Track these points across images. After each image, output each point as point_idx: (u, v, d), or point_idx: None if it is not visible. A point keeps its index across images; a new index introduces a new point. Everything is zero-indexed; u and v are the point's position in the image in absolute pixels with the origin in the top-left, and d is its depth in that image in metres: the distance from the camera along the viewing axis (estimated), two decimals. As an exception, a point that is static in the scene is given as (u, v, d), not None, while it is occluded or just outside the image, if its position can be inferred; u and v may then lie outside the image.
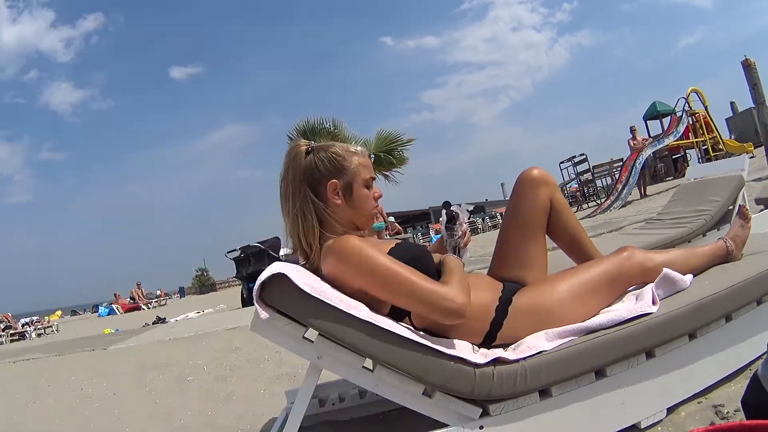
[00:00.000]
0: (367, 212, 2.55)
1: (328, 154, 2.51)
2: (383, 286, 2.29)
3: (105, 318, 26.93)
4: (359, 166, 2.53)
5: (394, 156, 15.19)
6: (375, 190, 2.58)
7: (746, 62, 14.80)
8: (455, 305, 2.20)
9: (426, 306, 2.23)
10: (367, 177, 2.54)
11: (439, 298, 2.21)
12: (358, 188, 2.51)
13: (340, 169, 2.50)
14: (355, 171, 2.51)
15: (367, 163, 2.58)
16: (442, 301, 2.20)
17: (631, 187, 20.26)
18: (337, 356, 2.24)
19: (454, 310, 2.20)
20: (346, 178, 2.50)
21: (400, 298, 2.29)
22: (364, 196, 2.53)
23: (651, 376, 2.44)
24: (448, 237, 2.61)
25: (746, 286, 2.66)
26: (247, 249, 15.47)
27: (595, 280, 2.60)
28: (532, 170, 2.80)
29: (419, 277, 2.28)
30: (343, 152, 2.53)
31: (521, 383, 2.21)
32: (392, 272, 2.27)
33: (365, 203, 2.53)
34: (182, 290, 49.25)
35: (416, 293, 2.24)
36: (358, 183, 2.51)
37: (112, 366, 7.32)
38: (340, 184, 2.49)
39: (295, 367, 4.90)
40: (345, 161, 2.51)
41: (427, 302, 2.22)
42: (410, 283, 2.25)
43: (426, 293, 2.23)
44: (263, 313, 2.20)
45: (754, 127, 19.20)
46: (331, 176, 2.48)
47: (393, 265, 2.30)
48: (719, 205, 6.27)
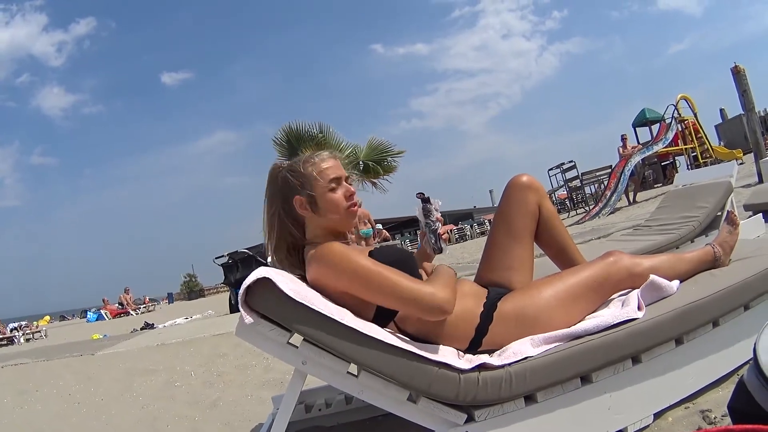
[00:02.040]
0: (340, 214, 2.55)
1: (290, 171, 2.58)
2: (365, 285, 2.30)
3: (93, 323, 26.87)
4: (319, 173, 2.54)
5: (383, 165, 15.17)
6: (346, 189, 2.57)
7: (736, 69, 14.88)
8: (436, 301, 2.24)
9: (408, 303, 2.26)
10: (328, 180, 2.53)
11: (420, 295, 2.24)
12: (322, 195, 2.52)
13: (302, 183, 2.54)
14: (314, 180, 2.54)
15: (329, 166, 2.58)
16: (424, 298, 2.23)
17: (619, 193, 20.30)
18: (322, 362, 2.23)
19: (435, 306, 2.23)
20: (307, 190, 2.53)
21: (383, 297, 2.31)
22: (330, 200, 2.53)
23: (637, 381, 2.44)
24: (425, 219, 2.61)
25: (733, 291, 2.66)
26: (235, 255, 15.49)
27: (581, 285, 2.60)
28: (521, 177, 2.83)
29: (401, 276, 2.30)
30: (302, 165, 2.58)
31: (506, 389, 2.20)
32: (374, 272, 2.30)
33: (334, 207, 2.53)
34: (171, 296, 49.20)
35: (398, 291, 2.26)
36: (320, 190, 2.52)
37: (100, 371, 7.31)
38: (304, 199, 2.53)
39: (282, 373, 4.90)
40: (303, 174, 2.55)
41: (409, 299, 2.25)
42: (392, 282, 2.27)
43: (407, 290, 2.25)
44: (248, 318, 2.20)
45: (743, 133, 19.29)
46: (295, 192, 2.54)
47: (374, 265, 2.32)
48: (707, 211, 6.29)
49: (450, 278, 2.42)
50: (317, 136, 14.44)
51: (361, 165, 14.96)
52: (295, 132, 14.44)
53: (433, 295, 2.25)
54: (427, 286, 2.29)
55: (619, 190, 20.35)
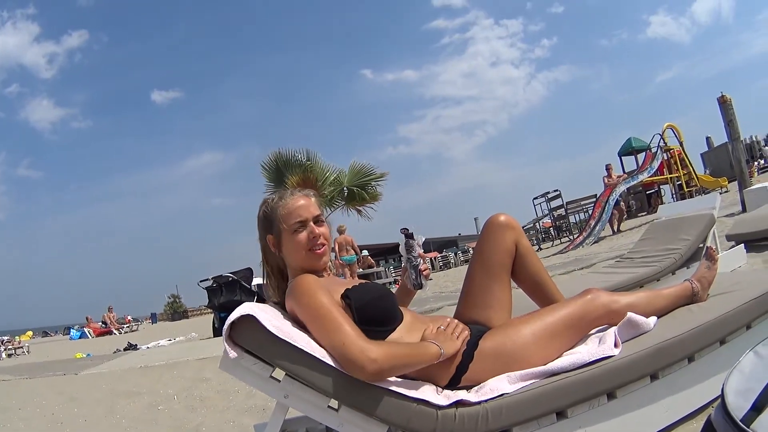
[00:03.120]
0: (300, 257, 2.60)
1: (265, 209, 2.69)
2: (312, 322, 2.33)
3: (77, 341, 26.76)
4: (284, 215, 2.61)
5: (368, 191, 15.20)
6: (310, 231, 2.60)
7: (722, 99, 15.00)
8: (363, 359, 2.15)
9: (335, 348, 2.21)
10: (291, 222, 2.59)
11: (349, 345, 2.18)
12: (287, 236, 2.60)
13: (271, 223, 2.65)
14: (278, 221, 2.61)
15: (297, 206, 2.63)
16: (350, 349, 2.17)
17: (603, 223, 20.36)
18: (303, 396, 2.26)
19: (359, 364, 2.15)
20: (276, 231, 2.63)
21: (320, 336, 2.28)
22: (294, 241, 2.59)
23: (612, 416, 2.48)
24: (407, 255, 2.68)
25: (709, 327, 2.71)
26: (220, 279, 15.43)
27: (559, 323, 2.64)
28: (498, 216, 2.89)
29: (346, 322, 2.28)
30: (273, 204, 2.66)
31: (483, 424, 2.23)
32: (322, 310, 2.31)
33: (295, 249, 2.59)
34: (154, 316, 49.05)
35: (333, 334, 2.23)
36: (286, 232, 2.60)
37: (84, 391, 7.28)
38: (272, 238, 2.64)
39: (265, 400, 4.89)
40: (271, 216, 2.65)
41: (342, 348, 2.19)
42: (336, 327, 2.24)
43: (346, 341, 2.20)
44: (232, 353, 2.23)
45: (728, 161, 19.41)
46: (267, 231, 2.66)
47: (328, 305, 2.32)
48: (689, 243, 6.37)
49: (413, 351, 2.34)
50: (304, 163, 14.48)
51: (346, 191, 15.00)
52: (283, 158, 14.50)
53: (362, 351, 2.17)
54: (368, 342, 2.22)
55: (604, 219, 20.42)
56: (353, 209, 15.35)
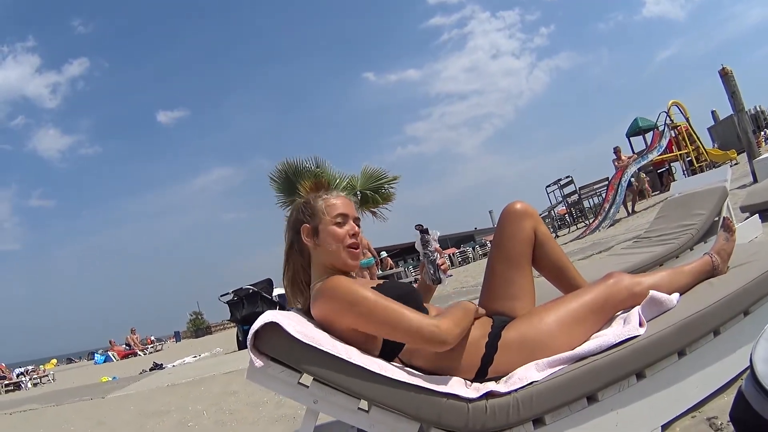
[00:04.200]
0: (335, 250, 2.59)
1: (303, 204, 2.68)
2: (370, 318, 2.34)
3: (101, 365, 26.79)
4: (325, 206, 2.63)
5: (380, 194, 15.14)
6: (349, 227, 2.62)
7: (723, 71, 14.92)
8: (439, 332, 2.27)
9: (412, 334, 2.29)
10: (334, 214, 2.61)
11: (424, 326, 2.27)
12: (324, 227, 2.59)
13: (310, 214, 2.63)
14: (320, 211, 2.62)
15: (336, 202, 2.65)
16: (427, 328, 2.26)
17: (618, 205, 20.26)
18: (333, 400, 2.26)
19: (437, 338, 2.26)
20: (314, 220, 2.62)
21: (388, 329, 2.33)
22: (332, 232, 2.58)
23: (643, 396, 2.47)
24: (423, 250, 2.66)
25: (732, 299, 2.69)
26: (240, 292, 15.44)
27: (583, 308, 2.63)
28: (515, 204, 2.87)
29: (405, 308, 2.33)
30: (313, 198, 2.68)
31: (514, 414, 2.23)
32: (378, 304, 2.33)
33: (335, 239, 2.58)
34: (178, 334, 49.17)
35: (403, 323, 2.29)
36: (324, 222, 2.60)
37: (112, 414, 7.29)
38: (309, 228, 2.61)
39: (294, 409, 4.88)
40: (313, 206, 2.65)
41: (413, 331, 2.27)
42: (397, 314, 2.30)
43: (412, 322, 2.28)
44: (258, 362, 2.22)
45: (735, 133, 19.30)
46: (304, 222, 2.63)
47: (379, 297, 2.35)
48: (704, 218, 6.33)
49: (461, 313, 2.45)
50: (314, 170, 14.43)
51: (359, 195, 14.95)
52: (292, 167, 14.43)
53: (436, 326, 2.28)
54: (430, 318, 2.33)
55: (618, 201, 20.31)
56: (368, 211, 15.30)
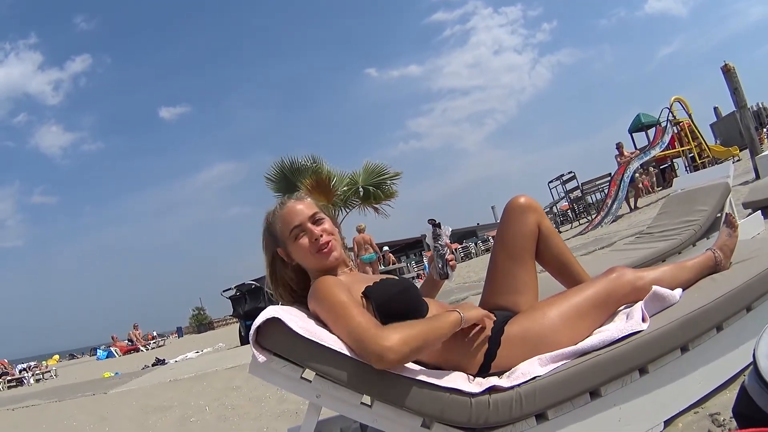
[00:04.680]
0: (310, 261, 2.61)
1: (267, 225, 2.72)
2: (331, 318, 2.34)
3: (104, 361, 26.81)
4: (281, 227, 2.64)
5: (383, 190, 15.13)
6: (309, 235, 2.58)
7: (726, 67, 14.88)
8: (376, 347, 2.13)
9: (353, 341, 2.22)
10: (289, 231, 2.60)
11: (366, 337, 2.18)
12: (292, 245, 2.61)
13: (275, 239, 2.67)
14: (280, 233, 2.64)
15: (290, 213, 2.63)
16: (367, 340, 2.16)
17: (620, 201, 20.24)
18: (335, 394, 2.25)
19: (375, 353, 2.13)
20: (281, 242, 2.65)
21: (338, 331, 2.30)
22: (297, 249, 2.60)
23: (646, 391, 2.47)
24: (434, 242, 2.67)
25: (735, 295, 2.69)
26: (243, 287, 15.45)
27: (586, 303, 2.62)
28: (518, 198, 2.85)
29: (361, 315, 2.28)
30: (271, 219, 2.69)
31: (517, 409, 2.23)
32: (339, 306, 2.32)
33: (302, 254, 2.60)
34: (180, 330, 49.17)
35: (349, 327, 2.24)
36: (289, 241, 2.61)
37: (114, 410, 7.32)
38: (283, 251, 2.66)
39: (296, 404, 4.91)
40: (273, 228, 2.67)
41: (354, 338, 2.21)
42: (348, 317, 2.26)
43: (360, 332, 2.20)
44: (260, 357, 2.22)
45: (738, 130, 19.32)
46: (276, 246, 2.67)
47: (347, 302, 2.33)
48: (707, 214, 6.33)
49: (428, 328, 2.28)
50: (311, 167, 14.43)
51: (362, 191, 14.95)
52: (288, 166, 14.43)
53: (376, 341, 2.15)
54: (384, 331, 2.20)
55: (620, 197, 20.29)
56: (370, 207, 15.30)
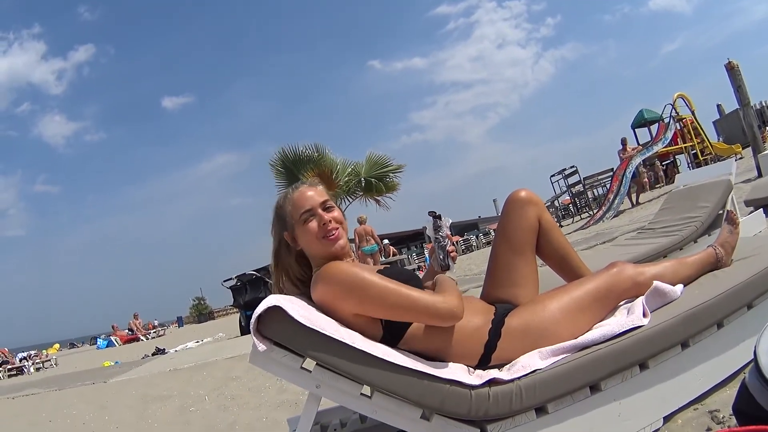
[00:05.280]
0: (316, 246, 2.58)
1: (275, 210, 2.70)
2: (377, 300, 2.35)
3: (104, 350, 26.79)
4: (291, 210, 2.61)
5: (385, 182, 15.11)
6: (320, 218, 2.57)
7: (729, 65, 14.87)
8: (448, 307, 2.33)
9: (422, 313, 2.32)
10: (300, 214, 2.58)
11: (432, 303, 2.32)
12: (300, 229, 2.58)
13: (284, 221, 2.64)
14: (290, 216, 2.61)
15: (302, 198, 2.62)
16: (436, 305, 2.31)
17: (622, 196, 20.25)
18: (335, 385, 2.26)
19: (447, 312, 2.32)
20: (289, 226, 2.62)
21: (396, 310, 2.34)
22: (304, 232, 2.57)
23: (645, 387, 2.47)
24: (434, 234, 2.67)
25: (736, 292, 2.69)
26: (243, 277, 15.44)
27: (586, 296, 2.62)
28: (519, 192, 2.85)
29: (410, 288, 2.36)
30: (282, 202, 2.67)
31: (517, 402, 2.23)
32: (384, 287, 2.35)
33: (310, 239, 2.57)
34: (180, 320, 49.18)
35: (411, 302, 2.32)
36: (298, 224, 2.58)
37: (114, 399, 7.32)
38: (289, 235, 2.63)
39: (296, 394, 4.92)
40: (283, 211, 2.65)
41: (423, 309, 2.31)
42: (404, 294, 2.33)
43: (420, 301, 2.32)
44: (261, 346, 2.22)
45: (741, 128, 19.27)
46: (284, 229, 2.64)
47: (383, 280, 2.37)
48: (708, 210, 6.32)
49: (454, 287, 2.47)
50: (314, 157, 14.40)
51: (363, 182, 14.93)
52: (291, 155, 14.41)
53: (444, 302, 2.33)
54: (436, 295, 2.37)
55: (622, 192, 20.30)
56: (371, 199, 15.29)
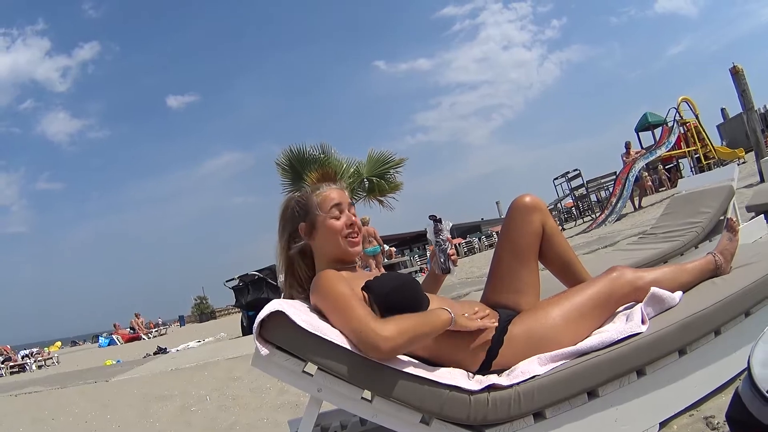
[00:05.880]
0: (335, 243, 2.62)
1: (297, 201, 2.69)
2: (332, 313, 2.37)
3: (106, 348, 26.85)
4: (321, 201, 2.64)
5: (387, 181, 15.06)
6: (346, 218, 2.63)
7: (734, 69, 14.90)
8: (374, 338, 2.21)
9: (351, 332, 2.27)
10: (329, 207, 2.62)
11: (363, 328, 2.24)
12: (322, 222, 2.61)
13: (305, 212, 2.65)
14: (315, 207, 2.63)
15: (330, 194, 2.66)
16: (364, 331, 2.23)
17: (624, 200, 20.19)
18: (336, 389, 2.28)
19: (369, 343, 2.21)
20: (310, 217, 2.63)
21: (339, 324, 2.33)
22: (328, 226, 2.60)
23: (642, 393, 2.49)
24: (435, 237, 2.69)
25: (734, 300, 2.71)
26: (246, 278, 15.41)
27: (587, 302, 2.64)
28: (524, 197, 2.86)
29: (361, 307, 2.33)
30: (307, 194, 2.69)
31: (515, 407, 2.25)
32: (342, 301, 2.34)
33: (333, 233, 2.60)
34: (182, 319, 49.12)
35: (348, 319, 2.29)
36: (321, 217, 2.61)
37: (116, 397, 7.34)
38: (306, 226, 2.63)
39: (297, 396, 4.94)
40: (307, 202, 2.66)
41: (355, 331, 2.25)
42: (349, 312, 2.30)
43: (357, 323, 2.26)
44: (263, 350, 2.26)
45: (744, 132, 19.25)
46: (300, 220, 2.64)
47: (347, 294, 2.36)
48: (710, 216, 6.33)
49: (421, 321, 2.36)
50: (320, 157, 14.37)
51: (366, 182, 14.90)
52: (297, 154, 14.37)
53: (374, 331, 2.22)
54: (380, 323, 2.26)
55: (624, 196, 20.24)
56: (374, 200, 15.24)
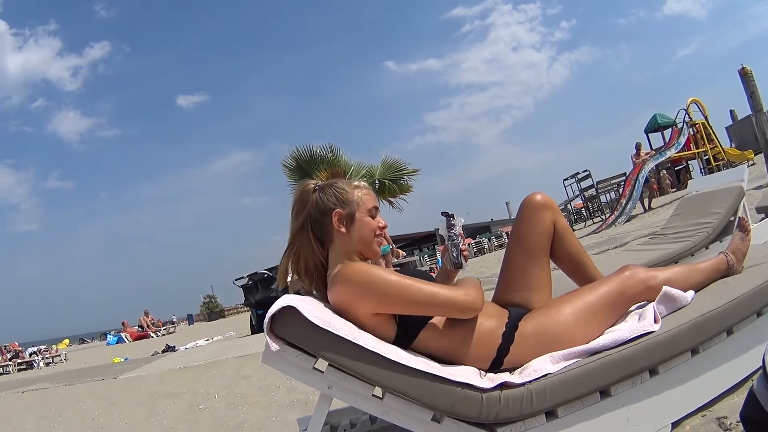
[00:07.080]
0: (368, 239, 2.62)
1: (333, 189, 2.63)
2: (398, 297, 2.38)
3: (114, 346, 26.87)
4: (363, 197, 2.63)
5: (398, 185, 15.03)
6: (379, 221, 2.65)
7: (743, 71, 14.83)
8: (468, 299, 2.40)
9: (445, 306, 2.39)
10: (370, 206, 2.63)
11: (454, 296, 2.40)
12: (361, 217, 2.60)
13: (345, 201, 2.60)
14: (358, 201, 2.61)
15: (370, 195, 2.67)
16: (458, 298, 2.38)
17: (634, 201, 20.16)
18: (347, 386, 2.27)
19: (468, 304, 2.41)
20: (349, 208, 2.59)
21: (418, 305, 2.39)
22: (367, 223, 2.61)
23: (655, 392, 2.47)
24: (447, 232, 2.68)
25: (746, 299, 2.69)
26: (255, 276, 15.41)
27: (599, 301, 2.63)
28: (535, 195, 2.85)
29: (429, 284, 2.42)
30: (346, 186, 2.65)
31: (527, 406, 2.24)
32: (405, 283, 2.39)
33: (368, 231, 2.61)
34: (191, 317, 49.13)
35: (434, 296, 2.38)
36: (361, 212, 2.60)
37: (123, 395, 7.34)
38: (344, 214, 2.58)
39: (306, 394, 4.92)
40: (348, 193, 2.61)
41: (443, 302, 2.37)
42: (424, 290, 2.38)
43: (440, 294, 2.39)
44: (274, 346, 2.24)
45: (753, 134, 19.17)
46: (336, 207, 2.58)
47: (403, 278, 2.41)
48: (720, 217, 6.30)
49: (475, 283, 2.53)
50: (328, 158, 14.33)
51: (377, 184, 14.88)
52: (305, 155, 14.34)
53: (465, 294, 2.40)
54: (457, 289, 2.45)
55: (634, 197, 20.20)
56: (385, 201, 15.21)
